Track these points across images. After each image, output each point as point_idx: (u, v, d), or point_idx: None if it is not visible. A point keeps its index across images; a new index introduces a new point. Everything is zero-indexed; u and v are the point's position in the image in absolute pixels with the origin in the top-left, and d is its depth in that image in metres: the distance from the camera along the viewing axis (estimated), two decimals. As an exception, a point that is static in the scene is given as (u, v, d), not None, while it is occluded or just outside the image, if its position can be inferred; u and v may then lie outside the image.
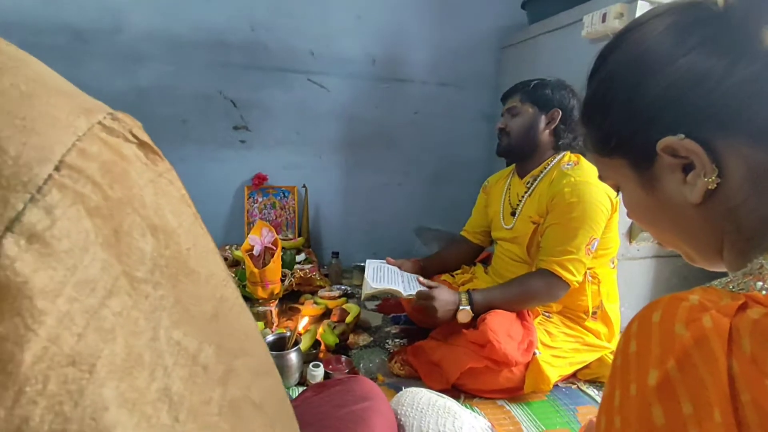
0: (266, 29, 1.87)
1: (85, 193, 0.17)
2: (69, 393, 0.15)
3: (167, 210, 0.22)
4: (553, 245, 1.18)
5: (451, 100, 2.16)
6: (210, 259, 0.25)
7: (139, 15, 1.72)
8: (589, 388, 1.22)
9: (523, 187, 1.34)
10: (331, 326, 1.39)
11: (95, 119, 0.20)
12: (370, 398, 0.63)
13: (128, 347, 0.18)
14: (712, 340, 0.26)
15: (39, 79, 0.19)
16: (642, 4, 1.29)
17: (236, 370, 0.25)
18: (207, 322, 0.23)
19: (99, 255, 0.17)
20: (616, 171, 0.42)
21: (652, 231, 0.44)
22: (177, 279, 0.22)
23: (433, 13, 2.03)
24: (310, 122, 2.00)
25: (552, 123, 1.26)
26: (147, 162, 0.22)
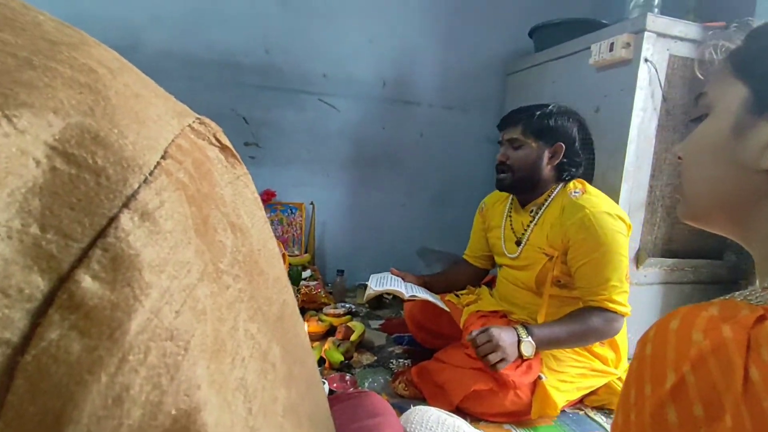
0: (281, 52, 1.92)
1: (185, 181, 0.19)
2: (167, 366, 0.16)
3: (243, 210, 0.23)
4: (595, 282, 1.14)
5: (457, 123, 2.20)
6: (276, 263, 0.26)
7: (157, 34, 1.78)
8: (597, 415, 1.20)
9: (527, 216, 1.30)
10: (336, 344, 1.39)
11: (186, 122, 0.21)
12: (381, 414, 0.62)
13: (215, 331, 0.18)
14: (730, 348, 0.26)
15: (142, 82, 0.21)
16: (649, 35, 1.33)
17: (295, 377, 0.25)
18: (274, 322, 0.24)
19: (194, 240, 0.18)
20: (726, 94, 0.39)
21: (690, 170, 0.42)
22: (251, 276, 0.22)
23: (442, 39, 2.09)
24: (319, 141, 2.03)
25: (555, 158, 1.23)
26: (227, 165, 0.23)
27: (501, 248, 1.37)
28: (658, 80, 1.38)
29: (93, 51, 0.19)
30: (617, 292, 1.12)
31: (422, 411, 0.80)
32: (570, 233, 1.15)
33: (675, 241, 1.54)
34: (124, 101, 0.18)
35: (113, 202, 0.16)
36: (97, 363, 0.14)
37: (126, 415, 0.15)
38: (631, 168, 1.42)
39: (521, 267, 1.29)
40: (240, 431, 0.19)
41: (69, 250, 0.15)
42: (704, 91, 0.42)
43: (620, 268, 1.12)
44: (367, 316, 1.81)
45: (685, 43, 1.39)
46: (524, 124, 1.24)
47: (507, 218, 1.38)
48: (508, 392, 1.09)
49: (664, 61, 1.38)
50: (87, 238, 0.15)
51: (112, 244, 0.15)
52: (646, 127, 1.41)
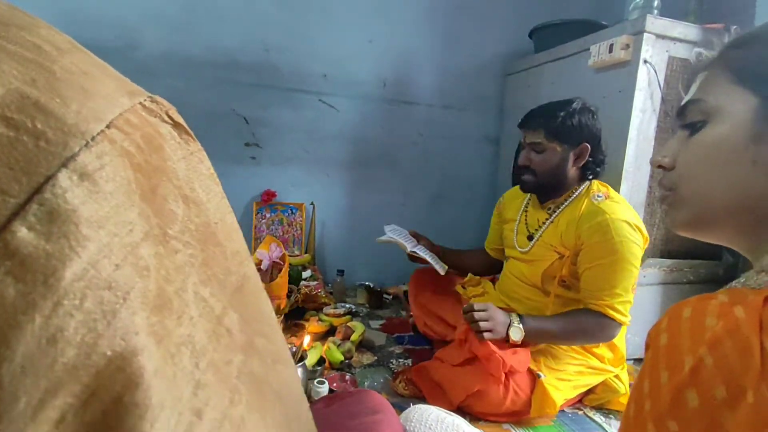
0: (280, 51, 1.92)
1: (131, 150, 0.20)
2: (103, 312, 0.17)
3: (197, 184, 0.24)
4: (600, 287, 1.12)
5: (455, 122, 2.21)
6: (235, 237, 0.27)
7: (154, 34, 1.78)
8: (595, 415, 1.21)
9: (543, 213, 1.28)
10: (336, 344, 1.39)
11: (137, 99, 0.22)
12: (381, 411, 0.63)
13: (160, 288, 0.20)
14: (744, 327, 0.27)
15: (92, 61, 0.23)
16: (648, 36, 1.34)
17: (257, 348, 0.26)
18: (232, 292, 0.25)
19: (138, 203, 0.19)
20: (732, 103, 0.39)
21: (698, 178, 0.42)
22: (206, 245, 0.23)
23: (441, 39, 2.10)
24: (319, 141, 2.04)
25: (581, 159, 1.19)
26: (180, 141, 0.24)
27: (512, 241, 1.36)
28: (657, 81, 1.38)
29: (42, 32, 0.21)
30: (620, 301, 1.11)
31: (422, 410, 0.81)
32: (585, 235, 1.14)
33: (674, 242, 1.55)
34: (69, 76, 0.19)
35: (51, 163, 0.17)
36: (31, 306, 0.15)
37: (60, 354, 0.16)
38: (630, 168, 1.42)
39: (529, 261, 1.29)
40: (184, 383, 0.20)
41: (5, 204, 0.16)
42: (697, 98, 0.42)
43: (629, 278, 1.11)
44: (368, 316, 1.81)
45: (684, 44, 1.39)
46: (546, 127, 1.19)
47: (523, 213, 1.37)
48: (506, 384, 1.10)
49: (663, 63, 1.39)
50: (24, 195, 0.16)
51: (48, 199, 0.16)
52: (645, 128, 1.41)
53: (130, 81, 0.25)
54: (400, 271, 2.17)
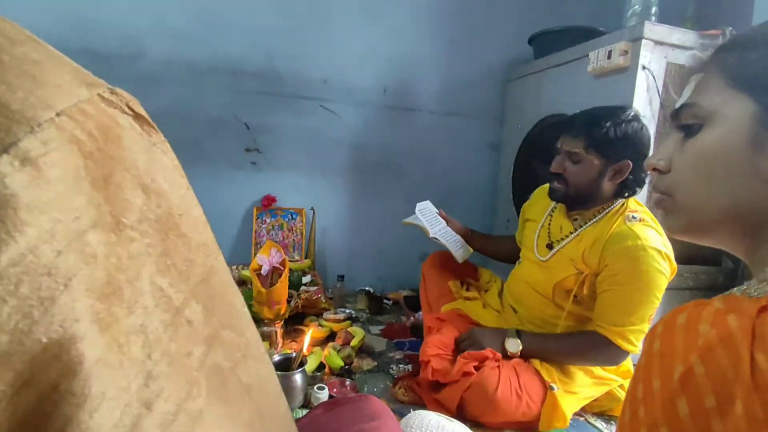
0: (282, 59, 1.94)
1: (82, 138, 0.20)
2: (40, 299, 0.17)
3: (160, 176, 0.24)
4: (615, 314, 1.07)
5: (457, 129, 2.21)
6: (201, 230, 0.27)
7: (159, 43, 1.79)
8: (597, 421, 1.20)
9: (568, 223, 1.21)
10: (336, 349, 1.39)
11: (96, 91, 0.22)
12: (380, 417, 0.62)
13: (109, 276, 0.19)
14: (736, 336, 0.27)
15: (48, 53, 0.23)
16: (646, 43, 1.35)
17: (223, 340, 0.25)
18: (197, 284, 0.24)
19: (87, 190, 0.19)
20: (730, 108, 0.38)
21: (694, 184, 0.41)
22: (167, 235, 0.23)
23: (442, 46, 2.11)
24: (320, 147, 2.04)
25: (619, 175, 1.10)
26: (142, 132, 0.25)
27: (532, 243, 1.30)
28: (656, 87, 1.39)
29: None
30: (632, 330, 1.05)
31: (422, 415, 0.80)
32: (611, 258, 1.06)
33: (674, 247, 1.54)
34: (18, 64, 0.19)
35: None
36: None
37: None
38: (629, 174, 1.43)
39: (545, 269, 1.23)
40: (133, 373, 0.19)
41: None
42: (692, 101, 0.41)
43: (648, 308, 1.04)
44: (368, 321, 1.81)
45: (682, 50, 1.40)
46: (588, 137, 1.09)
47: (548, 217, 1.29)
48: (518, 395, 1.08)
49: (661, 69, 1.39)
50: None
51: None
52: (645, 133, 1.42)
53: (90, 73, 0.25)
54: (400, 276, 2.18)
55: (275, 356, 1.20)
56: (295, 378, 1.12)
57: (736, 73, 0.38)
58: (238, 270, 1.78)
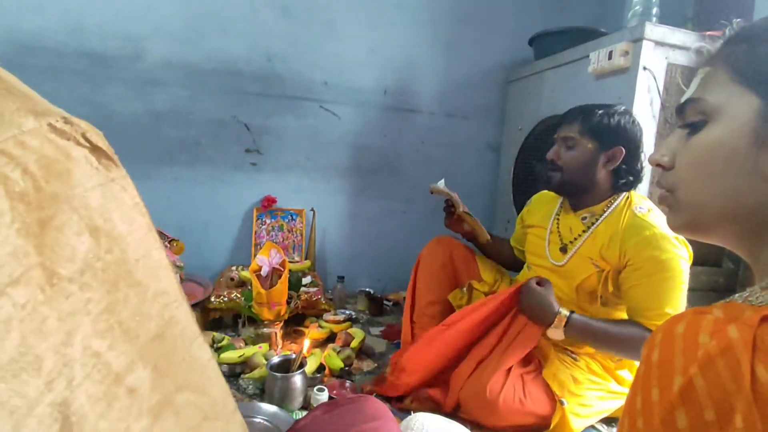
0: (282, 60, 1.94)
1: (12, 177, 0.17)
2: None
3: (116, 215, 0.21)
4: (649, 306, 1.05)
5: (458, 130, 2.21)
6: (162, 276, 0.24)
7: (159, 44, 1.79)
8: (603, 427, 1.19)
9: (579, 223, 1.19)
10: (336, 350, 1.38)
11: (45, 121, 0.20)
12: (380, 418, 0.62)
13: (24, 346, 0.16)
14: (737, 348, 0.26)
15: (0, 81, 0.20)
16: (647, 43, 1.35)
17: (177, 405, 0.22)
18: (149, 341, 0.21)
19: (11, 239, 0.17)
20: (734, 104, 0.37)
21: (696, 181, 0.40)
22: (116, 287, 0.20)
23: (442, 47, 2.11)
24: (320, 148, 2.04)
25: (612, 162, 1.12)
26: (98, 166, 0.22)
27: (543, 251, 1.27)
28: (656, 88, 1.39)
29: None
30: None
31: (422, 418, 0.80)
32: (632, 251, 1.06)
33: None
34: None
35: None
36: None
37: None
38: (630, 175, 1.42)
39: (563, 275, 1.20)
40: None
41: None
42: (697, 96, 0.40)
43: (680, 297, 1.04)
44: (368, 322, 1.81)
45: (683, 51, 1.40)
46: (582, 121, 1.13)
47: (555, 221, 1.27)
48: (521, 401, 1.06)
49: (662, 70, 1.39)
50: None
51: None
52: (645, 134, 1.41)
53: (44, 100, 0.22)
54: (400, 277, 2.17)
55: (275, 358, 1.20)
56: (295, 379, 1.12)
57: (742, 68, 0.37)
58: (237, 271, 1.78)
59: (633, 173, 1.14)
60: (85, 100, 1.74)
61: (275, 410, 1.05)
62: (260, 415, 1.04)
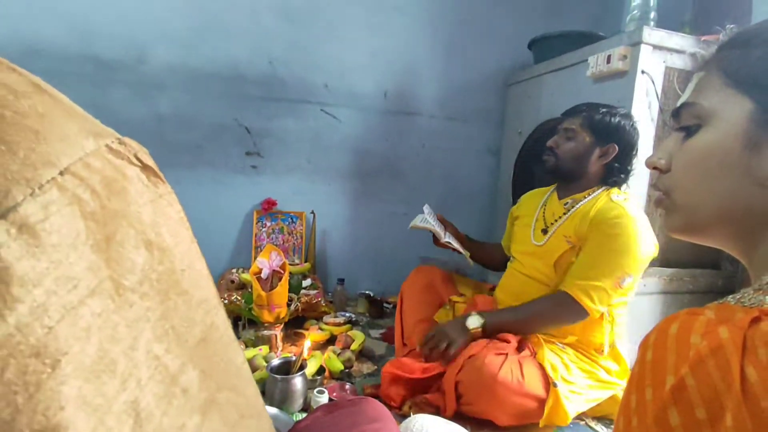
0: (283, 64, 1.95)
1: (84, 198, 0.19)
2: (25, 384, 0.15)
3: (165, 229, 0.23)
4: (580, 270, 1.14)
5: (458, 133, 2.22)
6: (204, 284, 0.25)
7: (162, 48, 1.81)
8: (597, 425, 1.20)
9: (561, 207, 1.29)
10: (336, 353, 1.39)
11: (103, 142, 0.22)
12: (381, 420, 0.62)
13: (102, 350, 0.18)
14: (727, 349, 0.27)
15: (55, 104, 0.22)
16: (645, 47, 1.36)
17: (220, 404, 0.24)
18: (195, 345, 0.23)
19: (87, 255, 0.18)
20: (727, 107, 0.38)
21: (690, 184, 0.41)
22: (167, 295, 0.22)
23: (443, 51, 2.12)
24: (321, 151, 2.05)
25: (605, 157, 1.21)
26: (148, 184, 0.23)
27: (528, 237, 1.34)
28: (654, 92, 1.40)
29: (2, 75, 0.20)
30: (595, 287, 1.11)
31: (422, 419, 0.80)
32: (595, 223, 1.15)
33: (673, 251, 1.55)
34: (20, 120, 0.18)
35: None
36: None
37: None
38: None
39: (542, 254, 1.28)
40: None
41: None
42: (692, 101, 0.41)
43: (615, 270, 1.10)
44: (368, 325, 1.81)
45: (681, 55, 1.41)
46: (585, 116, 1.22)
47: (541, 209, 1.36)
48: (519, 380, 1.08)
49: (660, 73, 1.40)
50: None
51: None
52: (643, 137, 1.42)
53: (99, 122, 0.24)
54: (400, 280, 2.17)
55: (275, 360, 1.20)
56: (295, 381, 1.12)
57: (734, 72, 0.38)
58: (238, 273, 1.79)
59: (623, 171, 1.22)
60: (89, 104, 1.72)
61: (275, 412, 1.06)
62: (261, 417, 1.05)
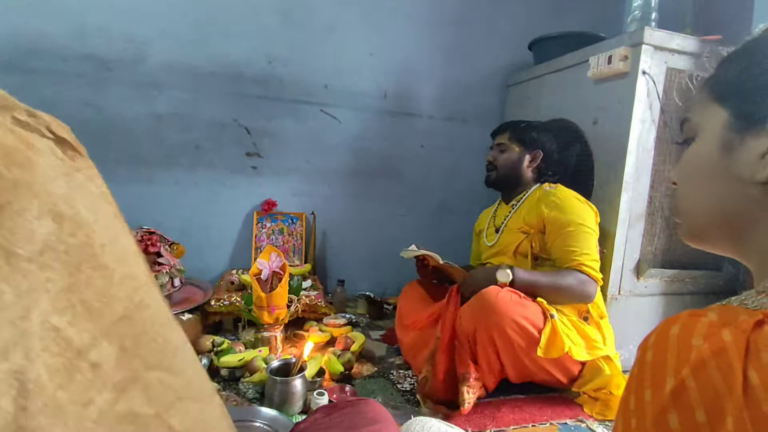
0: (283, 63, 1.94)
1: None
2: None
3: (81, 203, 0.23)
4: (568, 252, 1.28)
5: (457, 134, 2.22)
6: (131, 261, 0.25)
7: (161, 47, 1.80)
8: (598, 427, 1.19)
9: (507, 209, 1.50)
10: (336, 354, 1.38)
11: (9, 114, 0.22)
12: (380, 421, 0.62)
13: None
14: (730, 352, 0.27)
15: None
16: (646, 48, 1.35)
17: (148, 383, 0.23)
18: (115, 321, 0.23)
19: None
20: (708, 119, 0.41)
21: (686, 192, 0.44)
22: (79, 268, 0.22)
23: (442, 52, 2.12)
24: (320, 152, 2.05)
25: (534, 161, 1.47)
26: (63, 157, 0.23)
27: (484, 243, 1.54)
28: (656, 92, 1.39)
29: None
30: (588, 259, 1.27)
31: (422, 421, 0.80)
32: (544, 212, 1.34)
33: (674, 252, 1.54)
34: None
35: None
36: None
37: None
38: (630, 179, 1.43)
39: (498, 252, 1.46)
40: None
41: None
42: (687, 116, 0.45)
43: (590, 240, 1.29)
44: (368, 326, 1.80)
45: (682, 56, 1.41)
46: (511, 131, 1.50)
47: (492, 216, 1.59)
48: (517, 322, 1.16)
49: (661, 74, 1.40)
50: None
51: None
52: (645, 138, 1.42)
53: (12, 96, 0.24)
54: (400, 281, 2.16)
55: (275, 361, 1.20)
56: (295, 383, 1.12)
57: (714, 86, 0.42)
58: (238, 275, 1.78)
59: (551, 171, 1.49)
60: (87, 103, 1.75)
61: (275, 414, 1.05)
62: (260, 419, 1.04)
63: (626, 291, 1.48)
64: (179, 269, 1.65)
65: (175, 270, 1.63)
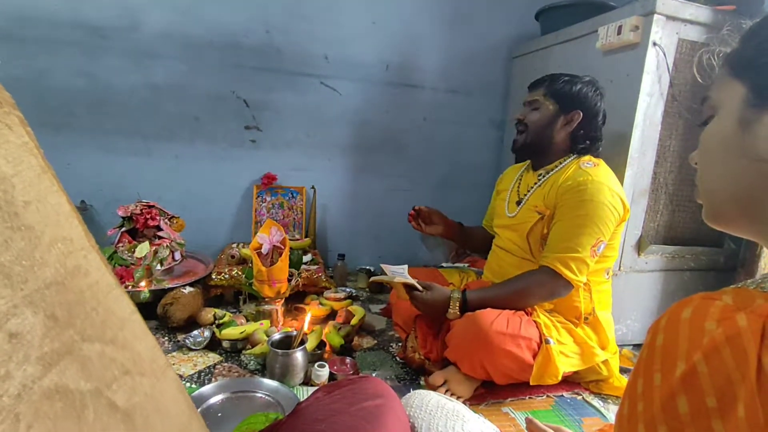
0: (281, 33, 1.88)
1: None
2: None
3: None
4: (557, 242, 1.15)
5: (461, 106, 2.17)
6: (63, 222, 0.23)
7: (156, 14, 1.74)
8: (594, 400, 1.21)
9: (534, 178, 1.31)
10: (337, 327, 1.40)
11: None
12: (382, 396, 0.63)
13: None
14: (745, 337, 0.26)
15: None
16: (658, 18, 1.30)
17: (85, 356, 0.22)
18: (42, 288, 0.21)
19: None
20: (727, 95, 0.40)
21: (706, 171, 0.43)
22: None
23: (446, 22, 2.05)
24: (320, 125, 2.01)
25: (570, 125, 1.23)
26: None
27: (504, 210, 1.37)
28: (666, 65, 1.35)
29: None
30: (574, 258, 1.12)
31: (421, 395, 0.81)
32: (562, 192, 1.17)
33: (676, 229, 1.53)
34: None
35: None
36: None
37: None
38: (635, 154, 1.40)
39: (515, 226, 1.30)
40: None
41: None
42: (707, 95, 0.43)
43: (590, 238, 1.12)
44: (368, 300, 1.82)
45: (695, 26, 1.36)
46: (547, 86, 1.25)
47: (516, 182, 1.39)
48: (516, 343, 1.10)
49: (672, 45, 1.35)
50: None
51: None
52: (652, 113, 1.39)
53: None
54: (400, 255, 2.17)
55: (276, 334, 1.21)
56: (296, 356, 1.13)
57: (733, 62, 0.40)
58: (238, 248, 1.78)
59: (589, 138, 1.24)
60: (81, 72, 1.71)
61: (276, 386, 1.07)
62: (261, 390, 1.06)
63: (626, 267, 1.48)
64: (180, 243, 1.65)
65: (176, 243, 1.63)
